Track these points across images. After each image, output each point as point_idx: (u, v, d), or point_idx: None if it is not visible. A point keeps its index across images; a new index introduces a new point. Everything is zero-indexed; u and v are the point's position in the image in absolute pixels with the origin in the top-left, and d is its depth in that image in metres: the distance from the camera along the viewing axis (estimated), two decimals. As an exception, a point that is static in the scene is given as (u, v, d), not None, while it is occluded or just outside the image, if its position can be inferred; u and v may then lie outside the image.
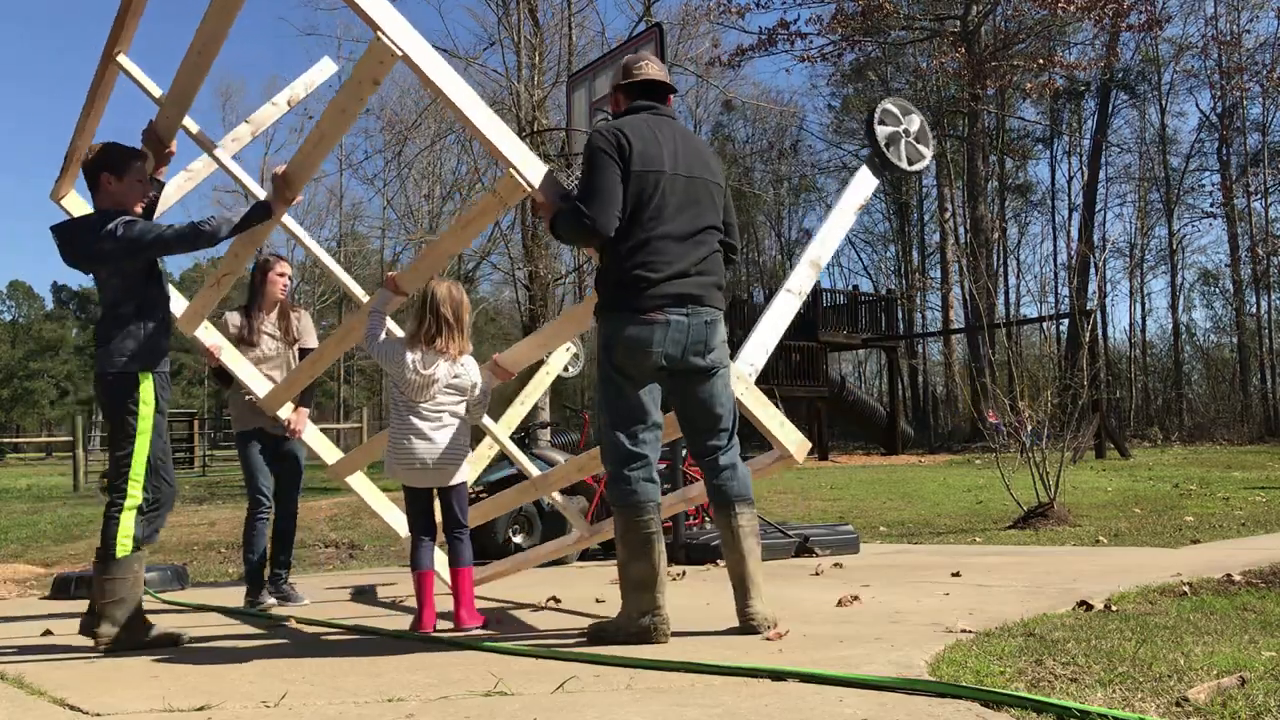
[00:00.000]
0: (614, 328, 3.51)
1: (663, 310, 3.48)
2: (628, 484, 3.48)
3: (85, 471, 19.63)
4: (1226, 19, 30.13)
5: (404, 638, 3.89)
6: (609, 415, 3.55)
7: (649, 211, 3.51)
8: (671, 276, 3.51)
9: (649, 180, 3.52)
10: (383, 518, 5.40)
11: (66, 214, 4.88)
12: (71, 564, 8.31)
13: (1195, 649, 2.90)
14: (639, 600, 3.43)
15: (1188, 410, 28.19)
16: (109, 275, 3.94)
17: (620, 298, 3.51)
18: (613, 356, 3.52)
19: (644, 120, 3.63)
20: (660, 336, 3.48)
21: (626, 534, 3.47)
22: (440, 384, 4.02)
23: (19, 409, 63.88)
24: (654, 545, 3.45)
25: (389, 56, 3.54)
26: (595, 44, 21.18)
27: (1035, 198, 37.81)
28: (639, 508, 3.46)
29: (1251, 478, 12.17)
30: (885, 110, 4.45)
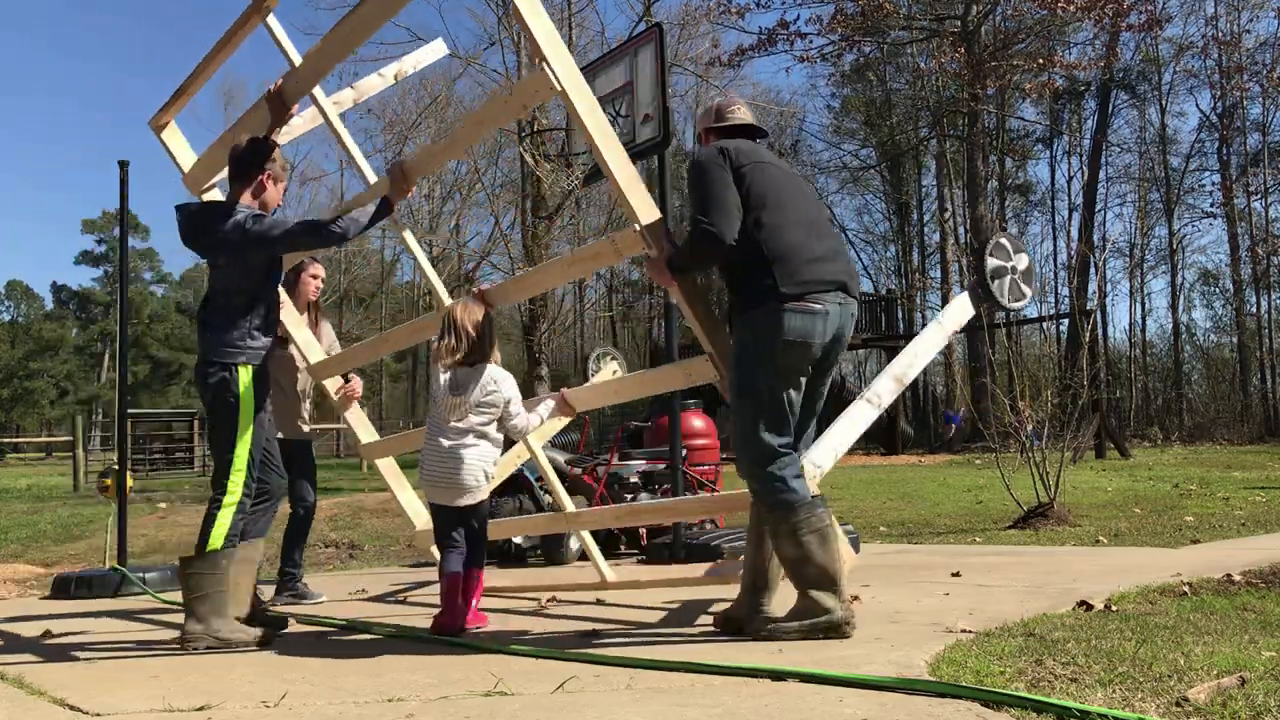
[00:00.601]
0: (773, 322, 3.43)
1: (819, 299, 3.45)
2: (784, 483, 3.41)
3: (85, 471, 19.60)
4: (1226, 19, 30.17)
5: (405, 637, 3.89)
6: (756, 414, 3.45)
7: (774, 202, 3.52)
8: (818, 259, 3.50)
9: (766, 173, 3.56)
10: (401, 504, 5.40)
11: (162, 144, 5.08)
12: (71, 564, 8.31)
13: (1195, 649, 2.90)
14: (824, 596, 3.36)
15: (1188, 410, 28.20)
16: (228, 264, 3.96)
17: (772, 290, 3.43)
18: (775, 356, 3.44)
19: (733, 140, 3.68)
20: (820, 327, 3.45)
21: (799, 533, 3.37)
22: (473, 402, 3.96)
23: (19, 409, 63.87)
24: (831, 537, 3.40)
25: (548, 89, 3.64)
26: (595, 44, 21.21)
27: (1035, 198, 37.86)
28: (808, 505, 3.41)
29: (1251, 478, 12.17)
30: (998, 244, 4.55)
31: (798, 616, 3.40)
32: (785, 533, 3.40)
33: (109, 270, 66.85)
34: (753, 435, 3.45)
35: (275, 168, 4.09)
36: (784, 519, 3.40)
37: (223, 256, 3.96)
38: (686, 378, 4.16)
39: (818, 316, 3.44)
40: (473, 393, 3.95)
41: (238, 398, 3.88)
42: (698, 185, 3.53)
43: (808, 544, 3.37)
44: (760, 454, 3.44)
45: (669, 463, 6.99)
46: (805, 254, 3.48)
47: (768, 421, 3.44)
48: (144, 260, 68.04)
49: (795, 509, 3.39)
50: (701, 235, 3.45)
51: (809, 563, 3.37)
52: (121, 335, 6.83)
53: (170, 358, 64.86)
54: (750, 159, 3.57)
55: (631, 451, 8.05)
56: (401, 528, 9.22)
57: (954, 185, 32.77)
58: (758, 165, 3.57)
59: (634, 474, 7.62)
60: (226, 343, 3.90)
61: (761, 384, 3.47)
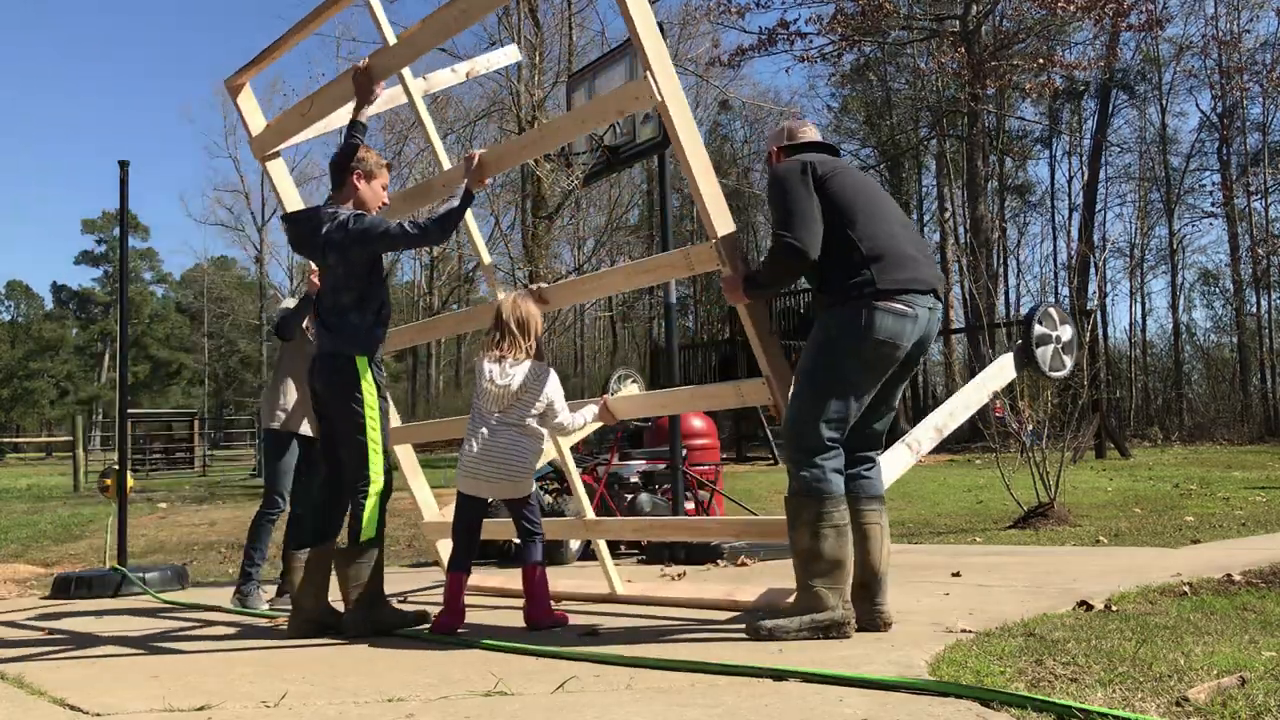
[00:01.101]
0: (865, 320, 3.43)
1: (912, 301, 3.47)
2: (824, 473, 3.42)
3: (85, 471, 19.61)
4: (1226, 19, 30.16)
5: (405, 637, 3.89)
6: (820, 405, 3.44)
7: (866, 203, 3.55)
8: (915, 260, 3.53)
9: (853, 177, 3.60)
10: (413, 492, 5.41)
11: (235, 106, 5.24)
12: (71, 564, 8.31)
13: (1195, 649, 2.90)
14: (827, 593, 3.36)
15: (1188, 410, 28.18)
16: (335, 263, 4.11)
17: (868, 288, 3.44)
18: (862, 353, 3.45)
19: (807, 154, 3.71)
20: (910, 329, 3.47)
21: (819, 523, 3.38)
22: (513, 394, 3.98)
23: (19, 409, 63.87)
24: (847, 536, 3.41)
25: (648, 98, 3.72)
26: (595, 44, 21.20)
27: (1035, 198, 37.85)
28: (837, 498, 3.42)
29: (1251, 478, 12.17)
30: (1046, 313, 4.65)
31: (798, 612, 3.40)
32: (807, 521, 3.41)
33: (109, 270, 66.84)
34: (811, 425, 3.45)
35: (365, 166, 4.21)
36: (810, 508, 3.41)
37: (331, 256, 4.11)
38: (739, 398, 4.21)
39: (908, 319, 3.46)
40: (513, 386, 3.99)
41: (360, 389, 4.02)
42: (780, 200, 3.54)
43: (824, 537, 3.38)
44: (813, 444, 3.45)
45: (669, 463, 6.99)
46: (901, 255, 3.51)
47: (829, 416, 3.45)
48: (144, 260, 68.03)
49: (823, 500, 3.40)
50: (785, 250, 3.47)
51: (821, 557, 3.38)
52: (122, 335, 6.84)
53: (170, 358, 64.87)
54: (833, 168, 3.59)
55: (631, 451, 8.05)
56: (402, 528, 9.21)
57: (954, 185, 32.78)
58: (843, 171, 3.61)
59: (634, 474, 7.62)
60: (343, 336, 4.06)
61: (837, 378, 3.46)
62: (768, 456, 19.31)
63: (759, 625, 3.41)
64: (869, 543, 3.55)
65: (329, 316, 4.12)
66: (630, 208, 32.74)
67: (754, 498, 11.12)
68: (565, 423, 4.12)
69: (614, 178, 24.40)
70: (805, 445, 3.46)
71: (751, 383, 3.88)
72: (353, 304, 4.08)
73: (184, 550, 9.32)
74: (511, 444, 3.99)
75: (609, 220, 28.74)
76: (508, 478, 3.98)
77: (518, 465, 3.99)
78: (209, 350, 54.01)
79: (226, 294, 48.94)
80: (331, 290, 4.13)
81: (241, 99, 5.28)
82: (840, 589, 3.38)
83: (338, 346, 4.06)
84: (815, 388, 3.49)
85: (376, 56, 4.54)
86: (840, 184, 3.55)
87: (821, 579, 3.37)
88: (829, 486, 3.41)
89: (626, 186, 30.19)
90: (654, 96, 3.65)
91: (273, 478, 5.37)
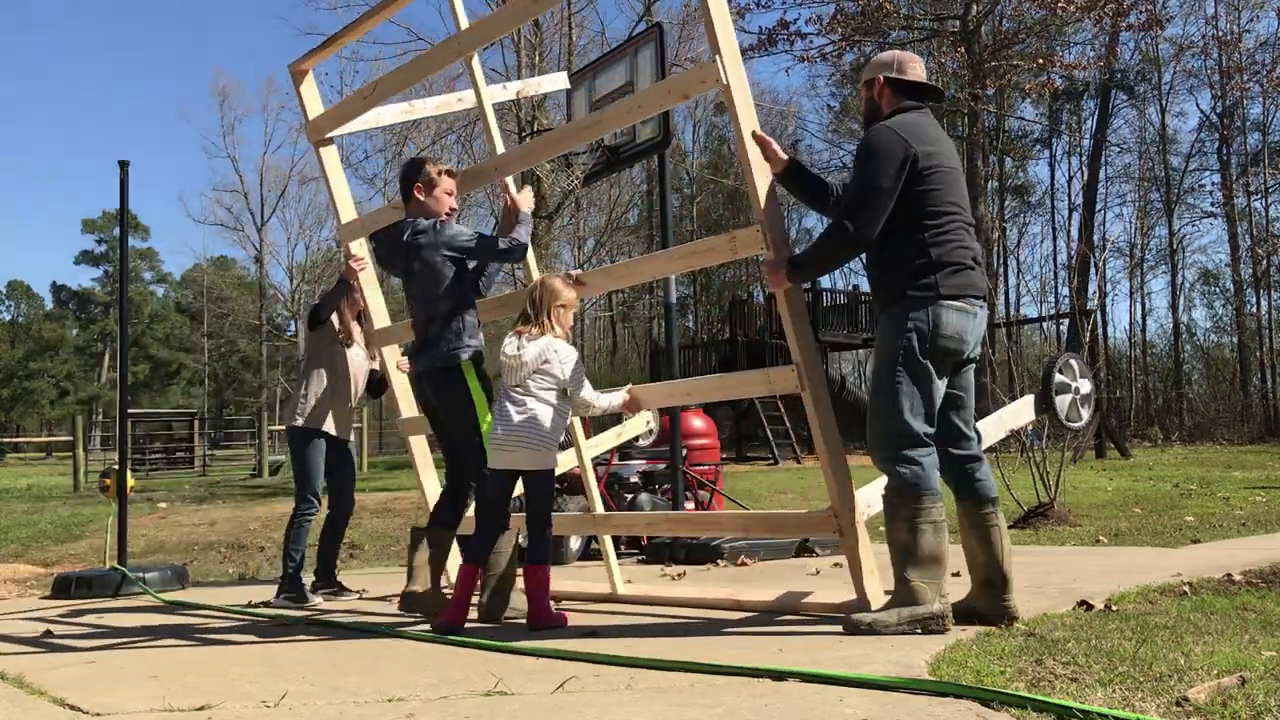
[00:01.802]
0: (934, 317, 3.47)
1: (974, 303, 3.54)
2: (921, 469, 3.44)
3: (85, 471, 19.61)
4: (1226, 19, 30.16)
5: (405, 637, 3.89)
6: (909, 401, 3.47)
7: (948, 205, 3.53)
8: (977, 266, 3.58)
9: (944, 175, 3.53)
10: (422, 484, 5.42)
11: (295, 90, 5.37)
12: (71, 564, 8.31)
13: (1195, 649, 2.90)
14: (924, 587, 3.37)
15: (1188, 410, 28.20)
16: (422, 269, 4.24)
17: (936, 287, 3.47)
18: (928, 344, 3.47)
19: (916, 119, 3.60)
20: (973, 326, 3.54)
21: (916, 518, 3.40)
22: (529, 368, 4.05)
23: (19, 409, 63.85)
24: (944, 531, 3.44)
25: (715, 82, 3.79)
26: (595, 44, 21.21)
27: (1035, 198, 37.84)
28: (933, 495, 3.43)
29: (1251, 477, 12.17)
30: (1067, 363, 4.80)
31: (897, 605, 3.42)
32: (905, 517, 3.43)
33: (109, 270, 66.81)
34: (898, 419, 3.48)
35: (423, 177, 4.34)
36: (908, 504, 3.43)
37: (417, 263, 4.24)
38: (768, 385, 4.23)
39: (969, 316, 3.53)
40: (524, 359, 4.04)
41: (470, 391, 4.18)
42: (863, 173, 3.50)
43: (922, 532, 3.40)
44: (905, 438, 3.47)
45: (669, 463, 6.99)
46: (969, 259, 3.55)
47: (913, 407, 3.48)
48: (144, 260, 68.01)
49: (921, 496, 3.42)
50: (845, 237, 3.51)
51: (918, 552, 3.40)
52: (122, 335, 6.84)
53: (170, 358, 64.84)
54: (932, 161, 3.51)
55: (631, 451, 8.05)
56: (402, 528, 9.21)
57: (953, 185, 32.72)
58: (940, 168, 3.53)
59: (634, 474, 7.62)
60: (445, 344, 4.19)
61: (915, 370, 3.48)
62: (768, 456, 19.31)
63: (859, 619, 3.41)
64: (992, 544, 3.57)
65: (426, 330, 4.24)
66: (630, 208, 32.74)
67: (754, 498, 11.12)
68: (587, 398, 4.13)
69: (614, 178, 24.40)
70: (898, 441, 3.48)
71: (781, 370, 3.90)
72: (451, 310, 4.22)
73: (184, 550, 9.32)
74: (528, 413, 4.02)
75: (609, 220, 28.72)
76: (525, 445, 4.01)
77: (536, 434, 4.01)
78: (209, 350, 53.96)
79: (226, 294, 48.90)
80: (425, 303, 4.25)
81: (304, 85, 5.38)
82: (938, 583, 3.40)
83: (446, 360, 4.19)
84: (897, 382, 3.49)
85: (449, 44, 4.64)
86: (933, 181, 3.50)
87: (919, 573, 3.39)
88: (926, 483, 3.44)
89: (626, 186, 30.18)
90: (720, 80, 3.72)
91: (303, 478, 5.41)
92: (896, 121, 3.58)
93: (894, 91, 3.70)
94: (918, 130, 3.54)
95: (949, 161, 3.57)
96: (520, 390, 4.06)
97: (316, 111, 5.39)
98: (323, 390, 5.41)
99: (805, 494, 11.97)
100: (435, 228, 4.24)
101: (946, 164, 3.55)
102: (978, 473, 3.65)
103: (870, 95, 3.75)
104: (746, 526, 4.70)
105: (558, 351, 4.08)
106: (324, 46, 5.24)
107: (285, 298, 40.83)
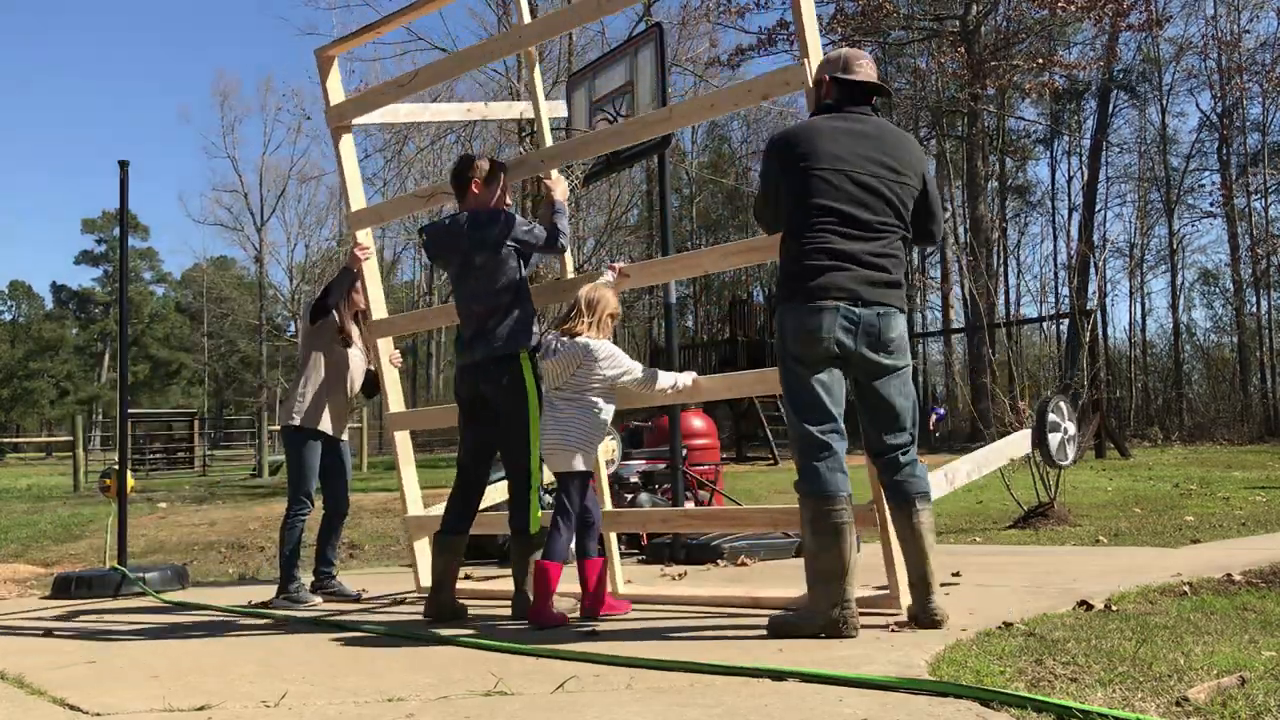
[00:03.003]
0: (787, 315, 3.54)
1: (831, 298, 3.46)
2: (816, 473, 3.46)
3: (85, 471, 19.61)
4: (1226, 19, 30.14)
5: (405, 637, 3.89)
6: (793, 407, 3.54)
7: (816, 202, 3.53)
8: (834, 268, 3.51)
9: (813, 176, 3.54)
10: (402, 480, 5.42)
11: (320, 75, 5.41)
12: (71, 564, 8.31)
13: (1195, 649, 2.90)
14: (828, 592, 3.39)
15: (1188, 410, 28.17)
16: (485, 261, 4.27)
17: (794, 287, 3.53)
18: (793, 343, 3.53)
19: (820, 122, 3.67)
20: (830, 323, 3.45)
21: (815, 522, 3.44)
22: (567, 371, 4.10)
23: (19, 409, 63.84)
24: (845, 535, 3.41)
25: (799, 83, 3.88)
26: (595, 44, 21.22)
27: (1035, 198, 37.85)
28: (831, 497, 3.43)
29: (1251, 478, 12.16)
30: (1057, 405, 5.08)
31: (804, 613, 3.47)
32: (805, 520, 3.50)
33: (109, 270, 66.78)
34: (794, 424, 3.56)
35: (480, 173, 4.42)
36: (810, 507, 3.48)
37: (479, 256, 4.28)
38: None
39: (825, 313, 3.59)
40: (565, 360, 4.10)
41: (524, 383, 4.22)
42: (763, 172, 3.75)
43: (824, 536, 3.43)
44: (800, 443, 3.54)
45: (669, 462, 6.99)
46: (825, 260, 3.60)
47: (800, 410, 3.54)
48: (144, 260, 67.98)
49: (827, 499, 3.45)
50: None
51: (823, 556, 3.43)
52: (122, 335, 6.83)
53: (170, 358, 64.82)
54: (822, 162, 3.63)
55: (631, 451, 8.05)
56: (399, 528, 9.21)
57: (954, 185, 32.76)
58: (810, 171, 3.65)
59: (634, 474, 7.62)
60: (502, 335, 4.24)
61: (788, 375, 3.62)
62: (768, 456, 19.31)
63: (776, 620, 3.52)
64: (908, 543, 3.58)
65: (486, 321, 4.26)
66: (630, 208, 32.71)
67: (754, 498, 11.12)
68: (639, 377, 4.16)
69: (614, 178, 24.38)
70: (798, 447, 3.54)
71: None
72: (511, 301, 4.27)
73: (184, 550, 9.32)
74: (565, 416, 4.09)
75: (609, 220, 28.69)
76: (561, 447, 4.08)
77: (573, 435, 4.08)
78: (209, 350, 53.95)
79: (226, 294, 48.90)
80: (486, 295, 4.28)
81: (330, 70, 5.44)
82: (838, 587, 3.38)
83: (507, 348, 4.23)
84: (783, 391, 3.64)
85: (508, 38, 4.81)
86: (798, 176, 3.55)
87: (819, 579, 3.42)
88: (826, 486, 3.44)
89: (626, 186, 30.16)
90: (805, 83, 3.78)
91: (298, 479, 5.39)
92: (791, 128, 3.78)
93: (837, 90, 3.72)
94: (802, 136, 3.63)
95: (823, 163, 3.53)
96: (560, 394, 4.14)
97: (337, 96, 5.42)
98: (319, 389, 5.39)
99: (805, 494, 11.96)
100: (502, 220, 4.29)
101: (817, 166, 3.53)
102: (904, 472, 3.63)
103: (819, 96, 3.80)
104: (775, 521, 4.69)
105: (596, 348, 4.13)
106: (357, 34, 5.36)
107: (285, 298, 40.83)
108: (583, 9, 4.44)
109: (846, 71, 3.72)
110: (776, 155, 3.66)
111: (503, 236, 4.27)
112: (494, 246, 4.27)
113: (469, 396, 4.39)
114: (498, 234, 4.27)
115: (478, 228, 4.30)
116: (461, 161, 4.53)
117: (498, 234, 4.27)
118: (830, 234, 3.49)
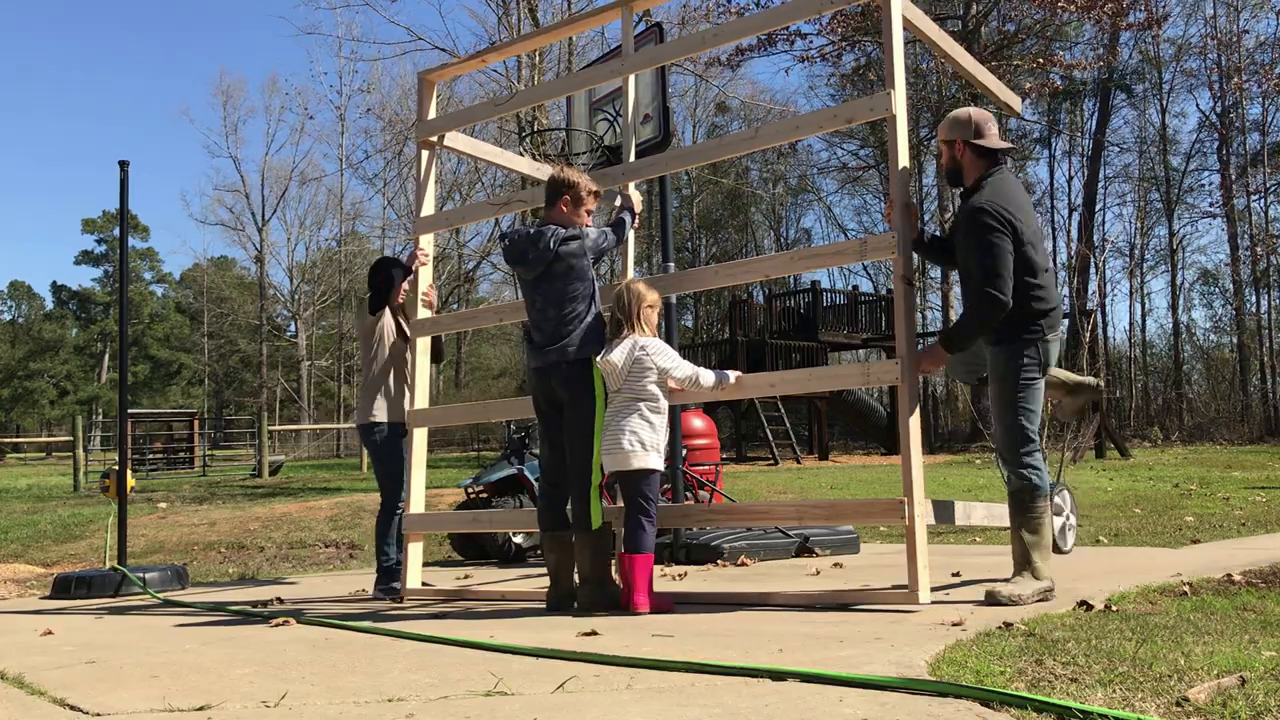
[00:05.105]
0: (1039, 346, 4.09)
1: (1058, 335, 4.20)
2: (1038, 470, 4.10)
3: (85, 471, 19.61)
4: (1226, 19, 30.17)
5: (405, 637, 3.89)
6: (1026, 415, 4.09)
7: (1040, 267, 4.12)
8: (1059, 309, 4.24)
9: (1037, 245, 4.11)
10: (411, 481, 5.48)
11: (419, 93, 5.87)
12: (71, 564, 8.32)
13: (1195, 649, 2.90)
14: (1047, 565, 4.10)
15: (1188, 410, 28.19)
16: (564, 270, 4.49)
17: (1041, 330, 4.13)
18: (1035, 368, 4.10)
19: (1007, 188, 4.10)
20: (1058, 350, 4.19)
21: (1041, 510, 4.11)
22: (622, 372, 4.31)
23: (19, 409, 63.83)
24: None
25: (884, 111, 4.03)
26: (595, 44, 21.22)
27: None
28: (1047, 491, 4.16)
29: (1251, 478, 12.17)
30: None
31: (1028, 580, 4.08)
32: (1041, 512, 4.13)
33: (109, 270, 66.81)
34: (1019, 430, 4.11)
35: (576, 193, 4.62)
36: (1039, 499, 4.11)
37: (560, 265, 4.48)
38: (864, 377, 4.49)
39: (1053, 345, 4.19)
40: (620, 361, 4.31)
41: (593, 389, 4.42)
42: (989, 251, 3.97)
43: (1046, 523, 4.16)
44: (1026, 443, 4.11)
45: (669, 462, 7.00)
46: (1058, 304, 4.18)
47: (1031, 418, 4.10)
48: (144, 260, 68.00)
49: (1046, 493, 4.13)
50: (995, 305, 3.97)
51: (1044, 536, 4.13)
52: (122, 335, 6.84)
53: (170, 358, 64.84)
54: (1028, 231, 4.04)
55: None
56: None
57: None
58: (1026, 224, 4.04)
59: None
60: (576, 341, 4.42)
61: (1032, 390, 4.09)
62: (768, 456, 19.32)
63: (997, 592, 3.97)
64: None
65: (561, 326, 4.46)
66: (630, 208, 32.73)
67: (753, 498, 11.12)
68: (687, 373, 4.40)
69: (614, 178, 24.40)
70: (1023, 447, 4.08)
71: (882, 364, 4.20)
72: (585, 310, 4.48)
73: (184, 550, 9.32)
74: (620, 419, 4.32)
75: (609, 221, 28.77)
76: (613, 449, 4.30)
77: (626, 438, 4.27)
78: (209, 350, 54.01)
79: (226, 294, 48.96)
80: (560, 301, 4.48)
81: (429, 92, 5.79)
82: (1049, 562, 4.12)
83: (579, 353, 4.42)
84: (1016, 403, 4.10)
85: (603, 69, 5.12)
86: (1031, 251, 4.02)
87: (1043, 556, 4.08)
88: (1040, 479, 4.08)
89: (626, 186, 30.22)
90: (890, 110, 3.93)
91: (398, 471, 5.61)
92: (992, 193, 4.05)
93: (975, 154, 4.12)
94: (1011, 209, 4.01)
95: (1032, 224, 4.10)
96: (616, 397, 4.35)
97: (430, 115, 5.75)
98: (390, 383, 5.69)
99: (805, 494, 11.96)
100: (585, 234, 4.53)
101: (1031, 225, 4.07)
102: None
103: (951, 154, 4.17)
104: (800, 515, 4.69)
105: (645, 346, 4.33)
106: (468, 59, 5.67)
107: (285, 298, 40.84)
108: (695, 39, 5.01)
109: (980, 137, 4.12)
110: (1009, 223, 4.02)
111: (580, 250, 4.50)
112: (578, 259, 4.49)
113: (544, 397, 4.58)
114: (576, 248, 4.50)
115: (566, 241, 4.50)
116: (561, 178, 4.69)
117: (576, 248, 4.50)
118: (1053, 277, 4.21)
